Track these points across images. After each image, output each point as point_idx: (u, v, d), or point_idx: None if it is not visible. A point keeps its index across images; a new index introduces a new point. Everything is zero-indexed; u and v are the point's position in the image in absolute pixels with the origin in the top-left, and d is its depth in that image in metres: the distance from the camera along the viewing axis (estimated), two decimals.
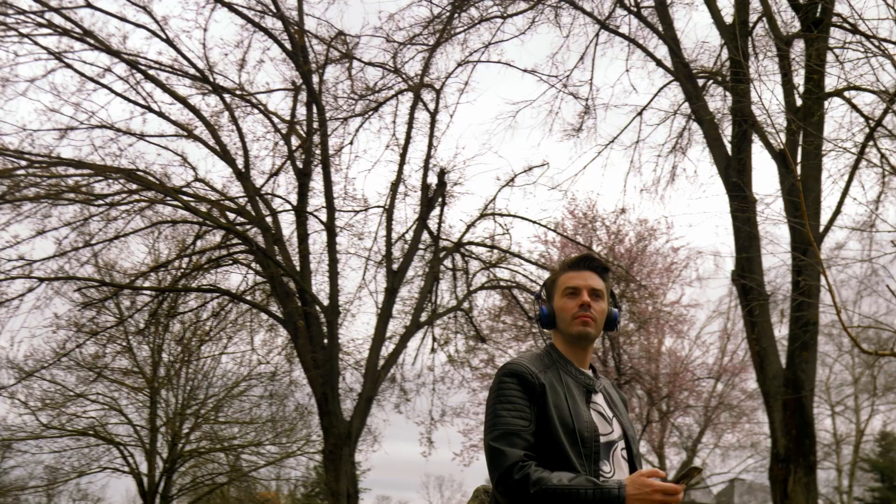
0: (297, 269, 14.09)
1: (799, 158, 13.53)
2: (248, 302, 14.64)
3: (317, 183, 14.83)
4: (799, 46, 14.20)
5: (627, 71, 15.55)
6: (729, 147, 13.56)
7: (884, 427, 32.28)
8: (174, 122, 13.98)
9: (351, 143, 15.28)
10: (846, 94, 14.36)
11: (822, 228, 12.97)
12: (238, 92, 14.29)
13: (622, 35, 15.14)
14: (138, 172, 13.46)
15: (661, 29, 14.29)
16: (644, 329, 17.77)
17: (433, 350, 16.49)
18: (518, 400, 2.78)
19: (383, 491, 56.81)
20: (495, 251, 15.81)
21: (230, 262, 14.94)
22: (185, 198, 13.76)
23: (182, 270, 14.67)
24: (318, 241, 15.21)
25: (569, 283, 2.98)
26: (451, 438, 18.17)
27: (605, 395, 3.01)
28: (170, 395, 21.43)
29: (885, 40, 13.89)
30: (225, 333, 17.36)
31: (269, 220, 14.36)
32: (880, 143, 13.52)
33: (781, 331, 15.14)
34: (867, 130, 13.73)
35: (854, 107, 14.42)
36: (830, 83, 13.49)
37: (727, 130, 13.86)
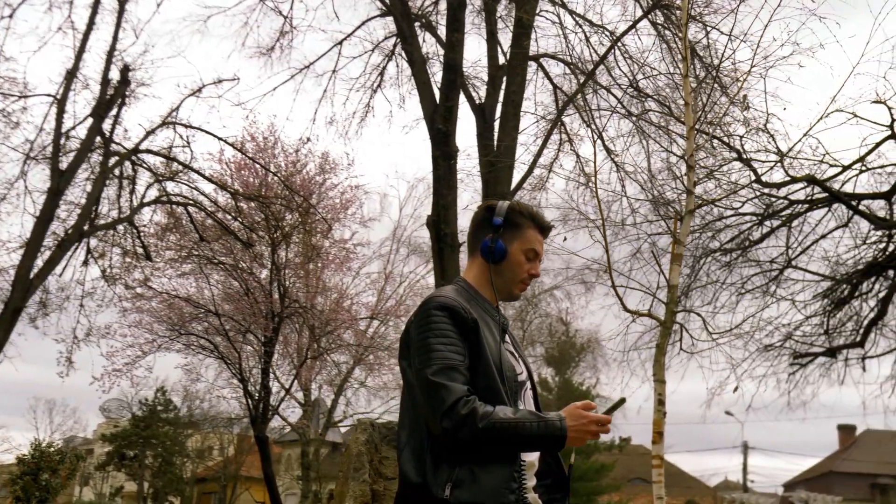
0: None
1: (497, 116, 13.92)
2: None
3: None
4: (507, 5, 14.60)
5: None
6: (437, 94, 13.55)
7: None
8: None
9: (11, 16, 13.25)
10: (542, 60, 15.05)
11: (512, 186, 13.46)
12: None
13: None
14: None
15: None
16: (311, 263, 17.44)
17: (86, 263, 14.92)
18: (451, 334, 2.66)
19: None
20: (173, 164, 14.58)
21: None
22: None
23: None
24: None
25: (535, 246, 2.94)
26: (94, 360, 16.58)
27: (511, 335, 2.96)
28: None
29: (581, 16, 14.77)
30: None
31: None
32: (566, 115, 14.32)
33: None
34: (560, 99, 14.51)
35: (547, 75, 15.14)
36: (539, 47, 14.01)
37: (437, 76, 13.84)
